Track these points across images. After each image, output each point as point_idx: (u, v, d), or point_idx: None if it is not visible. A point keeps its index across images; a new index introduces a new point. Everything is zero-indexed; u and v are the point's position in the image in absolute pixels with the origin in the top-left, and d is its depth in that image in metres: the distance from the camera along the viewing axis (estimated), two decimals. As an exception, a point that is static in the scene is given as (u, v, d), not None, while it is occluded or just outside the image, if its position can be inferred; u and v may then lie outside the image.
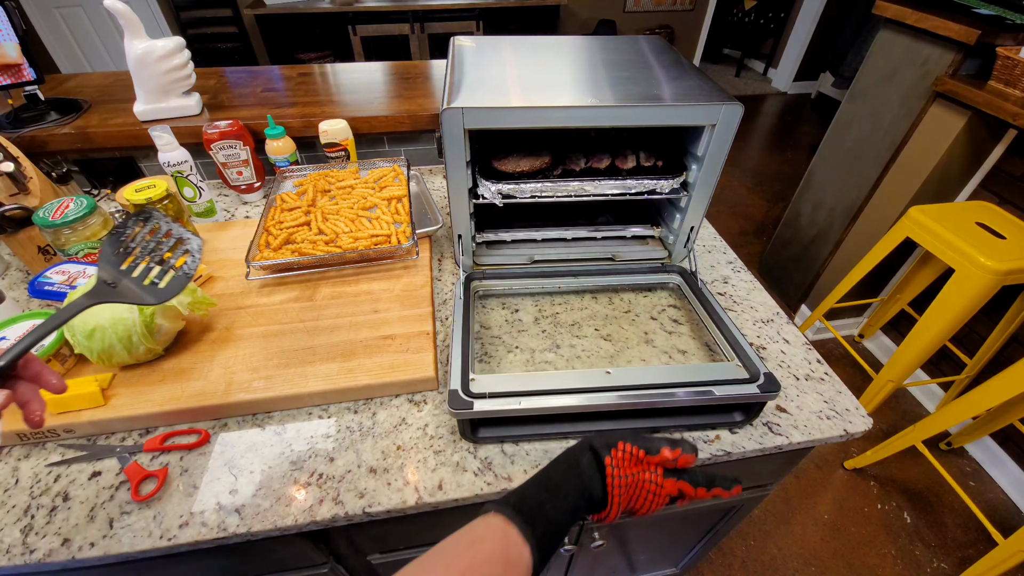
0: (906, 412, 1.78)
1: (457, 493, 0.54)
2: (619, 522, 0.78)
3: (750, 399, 0.57)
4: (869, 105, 1.64)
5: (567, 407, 0.55)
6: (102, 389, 0.58)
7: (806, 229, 2.00)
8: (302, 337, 0.67)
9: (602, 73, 0.71)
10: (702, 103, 0.62)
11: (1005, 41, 1.29)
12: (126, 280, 0.47)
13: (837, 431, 0.62)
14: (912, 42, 1.45)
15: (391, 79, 1.25)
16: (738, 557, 1.39)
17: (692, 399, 0.55)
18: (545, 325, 0.75)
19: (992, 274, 1.17)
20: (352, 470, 0.56)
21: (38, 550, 0.49)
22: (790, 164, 3.32)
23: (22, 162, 0.81)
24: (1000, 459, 1.56)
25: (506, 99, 0.61)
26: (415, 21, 3.46)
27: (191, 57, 1.01)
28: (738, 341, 0.63)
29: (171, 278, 0.49)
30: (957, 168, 1.50)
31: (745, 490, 0.80)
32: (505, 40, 0.83)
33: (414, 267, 0.80)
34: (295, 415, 0.62)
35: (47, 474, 0.55)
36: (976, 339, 1.57)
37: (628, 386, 0.56)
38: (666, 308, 0.79)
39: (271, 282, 0.76)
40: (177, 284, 0.48)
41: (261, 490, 0.54)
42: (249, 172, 0.98)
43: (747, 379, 0.57)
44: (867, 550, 1.40)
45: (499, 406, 0.53)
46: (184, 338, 0.67)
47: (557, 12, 3.75)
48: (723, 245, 0.94)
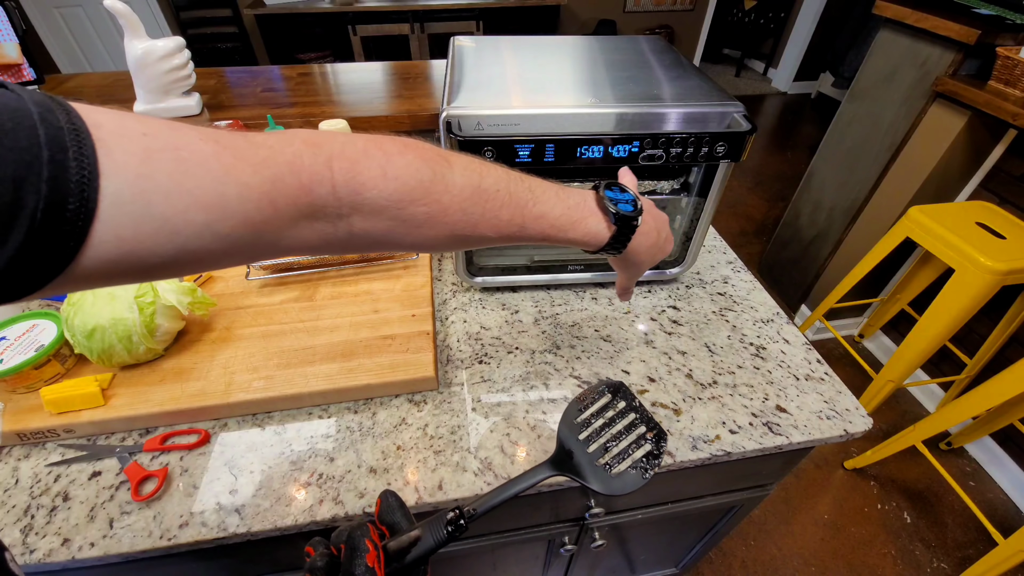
0: (906, 412, 1.78)
1: (457, 493, 0.54)
2: (620, 521, 0.78)
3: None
4: (869, 105, 1.64)
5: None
6: (102, 389, 0.58)
7: (806, 229, 2.00)
8: (302, 337, 0.67)
9: (602, 73, 0.71)
10: (703, 103, 0.62)
11: (1005, 41, 1.29)
12: (579, 454, 0.43)
13: (837, 431, 0.62)
14: (912, 42, 1.45)
15: (391, 79, 1.25)
16: (738, 557, 1.39)
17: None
18: (545, 326, 0.75)
19: (992, 274, 1.17)
20: (352, 470, 0.56)
21: (38, 550, 0.49)
22: (790, 164, 3.32)
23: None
24: (1000, 459, 1.56)
25: (506, 101, 0.61)
26: (415, 21, 3.46)
27: (191, 57, 1.01)
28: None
29: (624, 471, 0.43)
30: (957, 168, 1.50)
31: (745, 490, 0.80)
32: (505, 40, 0.83)
33: (414, 267, 0.80)
34: (295, 415, 0.62)
35: (47, 474, 0.55)
36: (976, 339, 1.57)
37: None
38: (666, 309, 0.79)
39: (271, 282, 0.76)
40: (630, 480, 0.42)
41: (261, 490, 0.54)
42: (249, 172, 0.98)
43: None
44: (867, 550, 1.40)
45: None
46: (184, 338, 0.67)
47: (557, 12, 3.75)
48: (723, 245, 0.94)
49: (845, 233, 1.81)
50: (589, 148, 0.58)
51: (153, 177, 0.24)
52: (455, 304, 0.79)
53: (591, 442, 0.44)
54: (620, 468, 0.43)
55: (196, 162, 0.25)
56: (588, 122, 0.60)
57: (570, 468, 0.43)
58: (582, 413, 0.47)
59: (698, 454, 0.59)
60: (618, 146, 0.59)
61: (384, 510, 0.37)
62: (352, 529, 0.33)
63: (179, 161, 0.25)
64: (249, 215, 0.27)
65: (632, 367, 0.69)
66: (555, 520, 0.74)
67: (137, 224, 0.23)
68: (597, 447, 0.44)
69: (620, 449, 0.44)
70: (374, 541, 0.32)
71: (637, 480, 0.42)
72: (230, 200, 0.26)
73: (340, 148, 0.31)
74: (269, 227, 0.29)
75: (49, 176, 0.20)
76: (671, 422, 0.62)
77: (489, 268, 0.78)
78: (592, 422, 0.46)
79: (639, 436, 0.45)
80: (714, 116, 0.62)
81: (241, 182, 0.27)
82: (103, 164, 0.22)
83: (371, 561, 0.31)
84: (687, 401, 0.65)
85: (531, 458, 0.58)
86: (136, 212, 0.23)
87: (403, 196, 0.33)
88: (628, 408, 0.47)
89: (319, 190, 0.30)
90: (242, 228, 0.27)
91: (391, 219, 0.33)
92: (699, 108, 0.61)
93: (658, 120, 0.61)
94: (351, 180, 0.31)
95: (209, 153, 0.26)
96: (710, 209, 0.72)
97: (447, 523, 0.36)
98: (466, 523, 0.36)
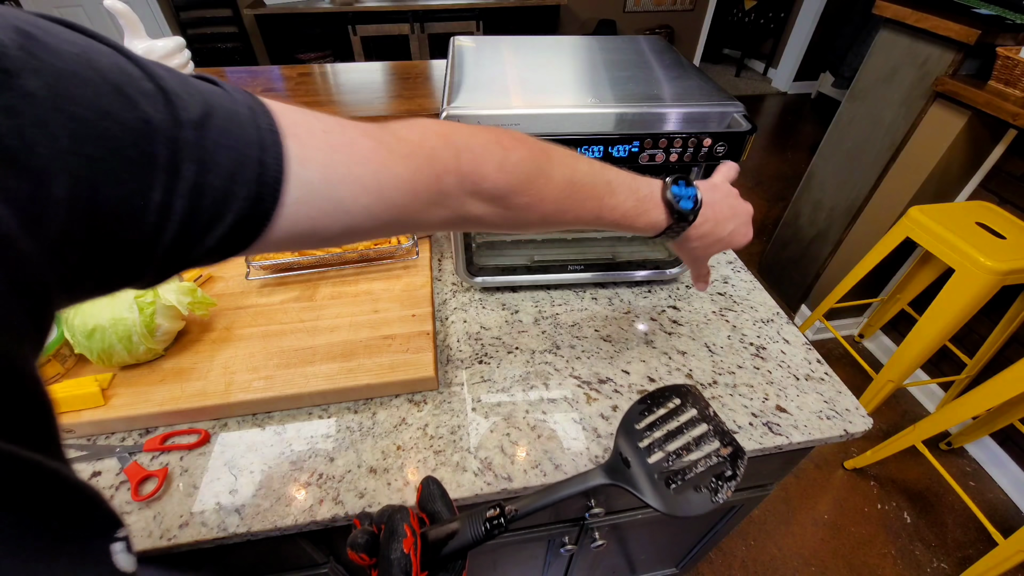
0: (906, 412, 1.78)
1: (457, 493, 0.54)
2: (620, 521, 0.78)
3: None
4: (869, 105, 1.64)
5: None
6: (102, 389, 0.58)
7: (806, 229, 2.00)
8: (302, 337, 0.67)
9: (602, 73, 0.71)
10: (703, 103, 0.62)
11: (1005, 41, 1.29)
12: (637, 463, 0.39)
13: (837, 431, 0.62)
14: (912, 42, 1.45)
15: (391, 79, 1.25)
16: (738, 557, 1.39)
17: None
18: (545, 326, 0.75)
19: (992, 274, 1.17)
20: (352, 470, 0.56)
21: (38, 550, 0.48)
22: (790, 164, 3.32)
23: (22, 162, 0.80)
24: (1000, 459, 1.56)
25: (506, 101, 0.61)
26: (415, 21, 3.46)
27: (191, 57, 1.01)
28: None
29: (690, 489, 0.37)
30: (957, 168, 1.50)
31: (745, 490, 0.80)
32: (505, 40, 0.83)
33: (414, 267, 0.80)
34: (295, 415, 0.62)
35: (47, 474, 0.55)
36: (976, 339, 1.57)
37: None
38: (666, 309, 0.79)
39: (271, 282, 0.76)
40: (697, 501, 0.36)
41: (261, 490, 0.54)
42: (249, 172, 0.98)
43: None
44: (867, 550, 1.40)
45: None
46: (184, 338, 0.67)
47: (557, 12, 3.75)
48: (723, 245, 0.94)
49: (845, 233, 1.81)
50: (589, 148, 0.58)
51: (335, 167, 0.29)
52: (455, 304, 0.79)
53: (653, 452, 0.40)
54: (685, 485, 0.37)
55: (363, 155, 0.30)
56: (588, 122, 0.60)
57: (626, 478, 0.38)
58: (645, 417, 0.42)
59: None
60: (618, 146, 0.59)
61: (425, 497, 0.37)
62: (393, 511, 0.33)
63: (352, 155, 0.30)
64: (397, 200, 0.32)
65: (632, 367, 0.69)
66: (555, 520, 0.74)
67: (322, 204, 0.29)
68: (660, 458, 0.39)
69: (686, 463, 0.39)
70: (413, 527, 0.32)
71: (706, 503, 0.36)
72: (385, 187, 0.31)
73: (466, 141, 0.35)
74: (409, 210, 0.33)
75: (257, 173, 0.25)
76: (671, 422, 0.62)
77: (489, 268, 0.78)
78: (655, 430, 0.41)
79: (711, 452, 0.39)
80: (714, 116, 0.62)
81: (394, 173, 0.32)
82: (299, 156, 0.27)
83: (407, 547, 0.31)
84: (687, 401, 0.65)
85: (531, 458, 0.58)
86: (322, 194, 0.28)
87: (512, 188, 0.37)
88: (700, 417, 0.42)
89: (448, 179, 0.34)
90: (392, 210, 0.32)
91: (499, 206, 0.37)
92: (699, 108, 0.61)
93: (658, 120, 0.61)
94: (473, 172, 0.35)
95: (370, 148, 0.31)
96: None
97: (487, 520, 0.34)
98: (507, 523, 0.35)
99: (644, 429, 0.42)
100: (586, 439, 0.60)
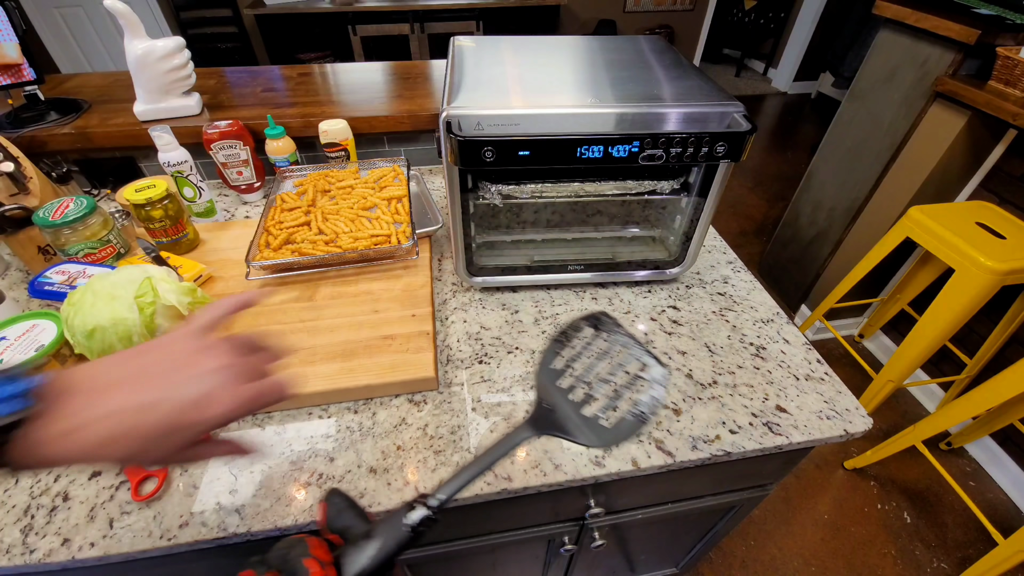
0: (906, 412, 1.78)
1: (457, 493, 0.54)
2: (621, 521, 0.78)
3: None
4: (869, 105, 1.64)
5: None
6: (102, 389, 0.58)
7: (806, 229, 2.00)
8: (302, 337, 0.67)
9: (602, 73, 0.71)
10: (703, 103, 0.62)
11: (1005, 41, 1.29)
12: (564, 406, 0.37)
13: (837, 431, 0.62)
14: (912, 42, 1.45)
15: (391, 79, 1.25)
16: (738, 557, 1.39)
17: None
18: (545, 326, 0.75)
19: (992, 274, 1.17)
20: (352, 470, 0.56)
21: (38, 550, 0.49)
22: (790, 164, 3.32)
23: (22, 162, 0.81)
24: (1000, 459, 1.56)
25: (506, 101, 0.61)
26: (415, 21, 3.46)
27: (191, 57, 1.01)
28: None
29: (620, 418, 0.37)
30: (957, 168, 1.50)
31: (745, 490, 0.80)
32: (505, 40, 0.83)
33: (414, 267, 0.80)
34: (295, 415, 0.62)
35: (47, 474, 0.55)
36: (976, 339, 1.57)
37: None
38: (666, 309, 0.79)
39: (271, 282, 0.76)
40: (627, 428, 0.37)
41: (261, 490, 0.54)
42: (249, 172, 0.98)
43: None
44: (867, 550, 1.40)
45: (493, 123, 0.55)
46: (184, 338, 0.67)
47: (557, 12, 3.75)
48: (723, 245, 0.94)
49: (845, 233, 1.81)
50: (589, 148, 0.58)
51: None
52: (455, 304, 0.79)
53: (575, 390, 0.38)
54: (614, 415, 0.36)
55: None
56: (588, 122, 0.60)
57: (552, 426, 0.36)
58: (562, 356, 0.40)
59: (698, 454, 0.59)
60: (618, 146, 0.59)
61: (332, 515, 0.33)
62: (289, 548, 0.28)
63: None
64: None
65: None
66: (555, 520, 0.74)
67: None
68: (584, 394, 0.38)
69: (611, 393, 0.37)
70: (319, 558, 0.27)
71: (635, 426, 0.36)
72: None
73: None
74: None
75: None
76: (671, 422, 0.62)
77: (489, 268, 0.78)
78: (574, 366, 0.39)
79: (633, 374, 0.38)
80: (714, 116, 0.61)
81: None
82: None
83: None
84: (687, 401, 0.65)
85: (531, 458, 0.58)
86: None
87: None
88: (616, 343, 0.40)
89: None
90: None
91: None
92: (699, 108, 0.61)
93: (658, 120, 0.61)
94: None
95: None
96: (710, 209, 0.72)
97: (410, 520, 0.31)
98: (435, 514, 0.31)
99: (563, 368, 0.40)
100: (586, 439, 0.60)
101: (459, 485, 0.33)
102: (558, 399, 0.38)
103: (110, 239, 0.76)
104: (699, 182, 0.71)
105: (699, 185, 0.71)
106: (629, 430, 0.36)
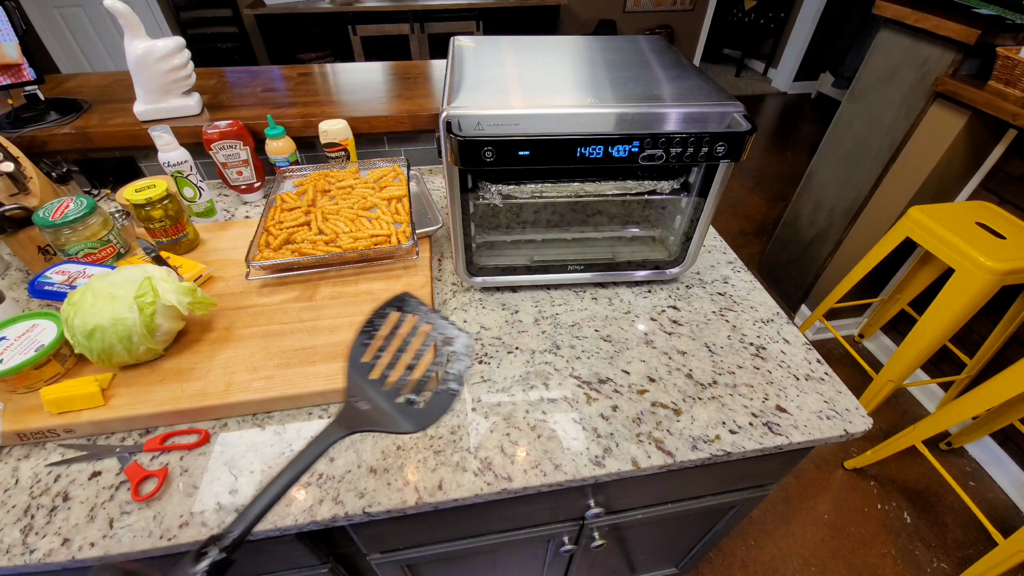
0: (906, 412, 1.78)
1: (457, 493, 0.54)
2: (621, 521, 0.78)
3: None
4: (869, 105, 1.64)
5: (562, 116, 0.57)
6: (102, 389, 0.58)
7: (806, 229, 2.00)
8: (302, 337, 0.67)
9: (602, 73, 0.71)
10: (703, 103, 0.62)
11: (1005, 41, 1.29)
12: (377, 398, 0.37)
13: (837, 431, 0.62)
14: (912, 42, 1.45)
15: (391, 79, 1.25)
16: (738, 557, 1.39)
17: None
18: (545, 326, 0.75)
19: (992, 274, 1.17)
20: (352, 470, 0.56)
21: (38, 550, 0.49)
22: (790, 164, 3.32)
23: (22, 162, 0.81)
24: (1000, 459, 1.56)
25: (506, 101, 0.61)
26: (415, 21, 3.46)
27: (191, 57, 1.01)
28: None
29: (431, 395, 0.37)
30: (957, 168, 1.50)
31: (745, 490, 0.80)
32: (505, 40, 0.83)
33: (414, 267, 0.80)
34: (295, 415, 0.62)
35: (47, 474, 0.55)
36: (976, 339, 1.57)
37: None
38: (666, 309, 0.79)
39: (271, 282, 0.76)
40: (441, 403, 0.37)
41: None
42: (249, 172, 0.98)
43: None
44: (867, 550, 1.40)
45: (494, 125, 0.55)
46: (184, 338, 0.67)
47: (557, 12, 3.75)
48: (723, 245, 0.94)
49: (845, 233, 1.81)
50: (589, 148, 0.58)
51: None
52: (455, 304, 0.79)
53: (386, 377, 0.37)
54: (426, 395, 0.36)
55: None
56: (588, 122, 0.60)
57: (363, 421, 0.36)
58: (369, 346, 0.39)
59: (698, 454, 0.59)
60: (618, 146, 0.59)
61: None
62: None
63: None
64: None
65: (632, 367, 0.69)
66: (554, 520, 0.74)
67: None
68: (395, 380, 0.37)
69: (421, 374, 0.37)
70: None
71: (447, 401, 0.36)
72: None
73: None
74: None
75: None
76: (671, 422, 0.62)
77: (489, 268, 0.78)
78: (381, 355, 0.39)
79: (440, 350, 0.38)
80: (714, 116, 0.62)
81: None
82: None
83: None
84: (687, 401, 0.65)
85: (531, 458, 0.58)
86: None
87: None
88: (421, 321, 0.40)
89: None
90: None
91: None
92: (699, 108, 0.61)
93: (658, 120, 0.61)
94: None
95: None
96: (710, 209, 0.72)
97: (198, 566, 0.28)
98: (229, 554, 0.29)
99: (372, 361, 0.39)
100: (586, 439, 0.60)
101: (258, 511, 0.32)
102: (371, 392, 0.38)
103: (110, 239, 0.76)
104: (699, 182, 0.71)
105: (699, 185, 0.71)
106: (443, 406, 0.37)
